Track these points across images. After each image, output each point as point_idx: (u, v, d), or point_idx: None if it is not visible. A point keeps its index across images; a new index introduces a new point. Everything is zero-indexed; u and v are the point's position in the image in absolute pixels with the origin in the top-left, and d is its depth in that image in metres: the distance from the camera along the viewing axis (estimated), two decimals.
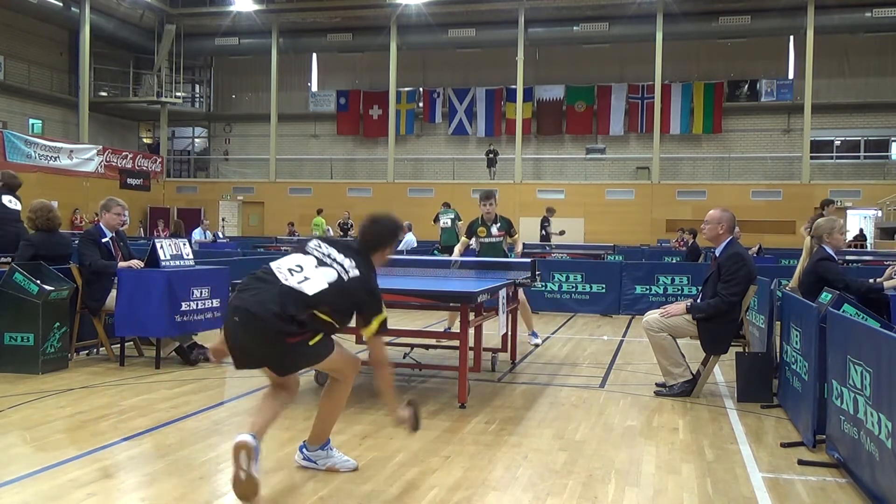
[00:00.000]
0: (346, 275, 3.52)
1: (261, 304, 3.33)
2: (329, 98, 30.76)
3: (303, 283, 3.42)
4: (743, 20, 25.48)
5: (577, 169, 28.20)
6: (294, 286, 3.40)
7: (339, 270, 3.52)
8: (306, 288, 3.41)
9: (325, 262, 3.55)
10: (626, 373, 7.05)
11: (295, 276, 3.45)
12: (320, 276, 3.48)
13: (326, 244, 3.66)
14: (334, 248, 3.64)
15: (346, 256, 3.60)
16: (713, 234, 6.01)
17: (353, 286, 3.52)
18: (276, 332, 3.31)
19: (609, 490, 3.79)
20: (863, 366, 3.59)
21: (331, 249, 3.62)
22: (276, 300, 3.34)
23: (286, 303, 3.34)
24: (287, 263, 3.53)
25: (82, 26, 25.78)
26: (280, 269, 3.49)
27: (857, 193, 24.50)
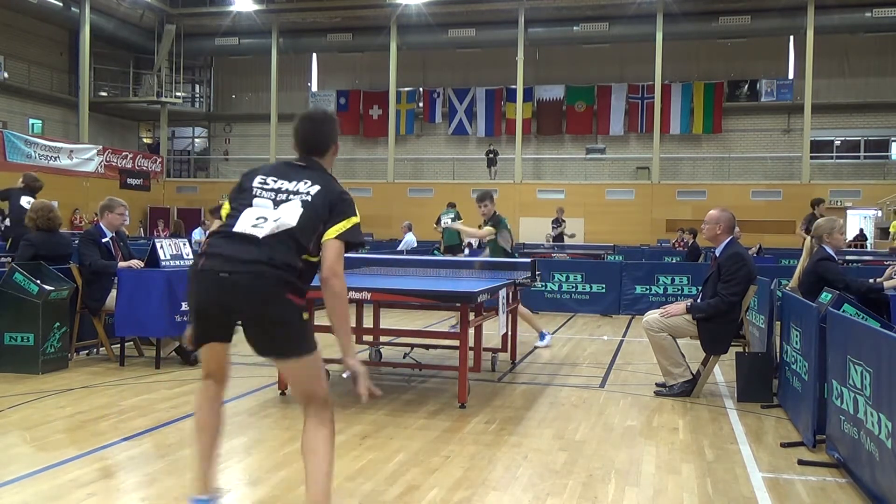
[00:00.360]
0: (308, 196, 2.96)
1: (248, 253, 2.84)
2: (329, 98, 30.75)
3: (278, 224, 2.90)
4: (743, 20, 25.47)
5: (577, 169, 28.20)
6: (272, 231, 2.88)
7: (300, 199, 2.95)
8: (285, 222, 2.90)
9: (282, 199, 2.96)
10: (626, 373, 7.05)
11: (266, 226, 2.90)
12: (286, 213, 2.91)
13: (270, 178, 3.05)
14: (280, 177, 3.04)
15: (299, 179, 3.01)
16: (711, 234, 6.02)
17: (317, 202, 2.95)
18: (275, 281, 2.81)
19: (609, 490, 3.79)
20: (863, 366, 3.59)
21: (279, 182, 3.02)
22: (265, 252, 2.84)
23: (276, 251, 2.85)
24: (247, 222, 2.93)
25: (82, 26, 25.77)
26: (244, 230, 2.91)
27: (857, 193, 24.49)
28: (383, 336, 7.50)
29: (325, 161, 3.17)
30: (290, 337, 2.89)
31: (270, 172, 3.10)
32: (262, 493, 3.65)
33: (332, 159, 3.21)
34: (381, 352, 7.25)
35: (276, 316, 2.84)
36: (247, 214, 2.96)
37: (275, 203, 2.96)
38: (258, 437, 4.70)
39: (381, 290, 5.57)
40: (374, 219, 26.25)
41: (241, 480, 3.90)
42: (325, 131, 3.18)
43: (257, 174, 3.10)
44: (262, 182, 3.05)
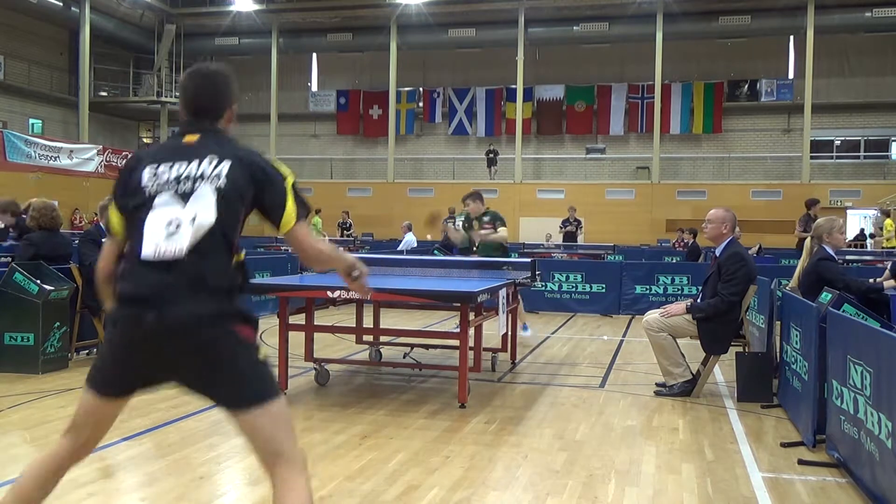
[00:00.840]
0: (219, 180, 2.33)
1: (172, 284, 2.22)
2: (329, 98, 30.76)
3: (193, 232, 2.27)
4: (743, 20, 25.48)
5: (576, 169, 28.20)
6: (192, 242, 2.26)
7: (212, 185, 2.33)
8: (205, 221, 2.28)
9: (187, 189, 2.32)
10: (626, 373, 7.05)
11: (182, 234, 2.26)
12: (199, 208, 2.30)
13: (163, 164, 2.38)
14: (176, 159, 2.38)
15: (201, 156, 2.37)
16: (716, 234, 6.00)
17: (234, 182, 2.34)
18: (216, 316, 2.23)
19: (609, 490, 3.79)
20: (863, 366, 3.59)
21: (175, 166, 2.36)
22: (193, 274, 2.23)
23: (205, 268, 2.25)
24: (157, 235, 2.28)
25: (82, 26, 25.78)
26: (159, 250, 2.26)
27: (857, 193, 24.50)
28: (383, 336, 7.50)
29: (221, 124, 2.54)
30: (247, 380, 2.28)
31: (161, 157, 2.41)
32: (261, 493, 3.64)
33: (230, 123, 2.59)
34: (381, 352, 7.25)
35: (225, 360, 2.25)
36: (152, 224, 2.30)
37: (181, 197, 2.31)
38: None
39: (381, 290, 5.57)
40: (374, 219, 26.26)
41: (241, 480, 3.90)
42: (221, 88, 2.55)
43: (144, 163, 2.41)
44: (153, 173, 2.37)
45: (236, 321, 2.26)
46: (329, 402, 5.59)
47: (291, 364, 5.89)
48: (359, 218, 24.96)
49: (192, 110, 2.50)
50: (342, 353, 7.48)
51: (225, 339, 2.23)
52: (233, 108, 2.57)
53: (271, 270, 10.65)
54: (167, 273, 2.22)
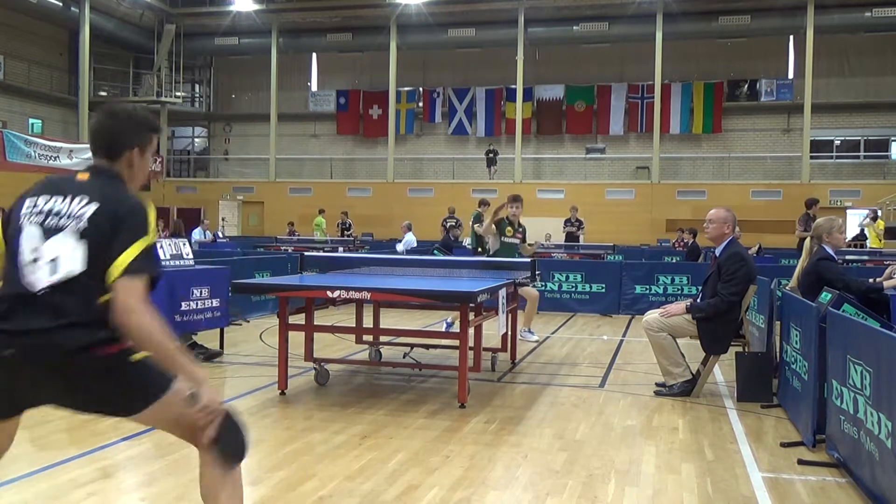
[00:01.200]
0: (83, 220, 2.29)
1: (25, 319, 2.22)
2: (329, 98, 30.75)
3: (57, 270, 2.25)
4: (743, 20, 25.48)
5: (576, 169, 28.20)
6: (53, 281, 2.24)
7: (72, 225, 2.29)
8: (66, 270, 2.24)
9: (52, 225, 2.30)
10: (626, 372, 7.05)
11: (41, 271, 2.25)
12: (61, 248, 2.27)
13: (42, 196, 2.39)
14: (53, 193, 2.38)
15: (75, 193, 2.35)
16: (718, 234, 5.99)
17: (98, 226, 2.28)
18: (71, 346, 2.19)
19: (609, 490, 3.79)
20: (863, 365, 3.59)
21: (51, 201, 2.35)
22: (47, 311, 2.21)
23: (61, 307, 2.22)
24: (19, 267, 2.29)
25: (82, 26, 25.77)
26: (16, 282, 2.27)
27: (856, 193, 24.49)
28: (383, 336, 7.50)
29: (119, 166, 2.46)
30: (124, 391, 2.28)
31: (42, 190, 2.41)
32: (261, 493, 3.65)
33: (135, 168, 2.50)
34: (380, 352, 7.25)
35: (96, 383, 2.24)
36: (20, 254, 2.30)
37: (44, 231, 2.29)
38: (258, 436, 4.70)
39: (381, 289, 5.57)
40: (374, 219, 26.26)
41: None
42: (122, 127, 2.50)
43: (28, 196, 2.41)
44: (31, 204, 2.37)
45: (96, 346, 2.21)
46: (329, 401, 5.59)
47: (291, 364, 5.89)
48: (358, 218, 24.96)
49: (92, 149, 2.51)
50: (342, 353, 7.48)
51: (84, 365, 2.22)
52: (134, 150, 2.48)
53: (271, 270, 10.65)
54: (27, 305, 2.24)
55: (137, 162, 2.50)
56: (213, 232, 20.94)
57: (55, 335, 2.19)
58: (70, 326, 2.20)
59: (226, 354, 7.27)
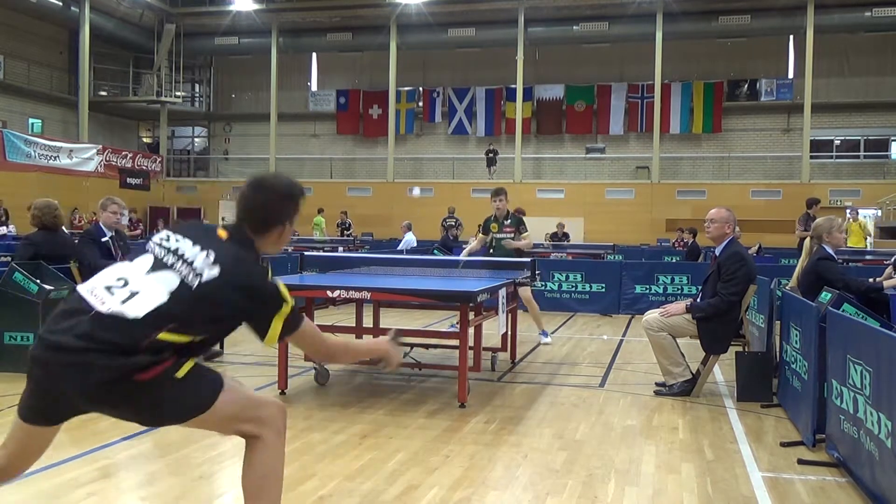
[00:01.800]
0: (198, 277, 2.33)
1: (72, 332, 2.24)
2: (329, 97, 30.74)
3: (127, 301, 2.28)
4: (743, 20, 25.48)
5: (576, 168, 28.19)
6: (114, 310, 2.26)
7: (183, 273, 2.34)
8: (131, 309, 2.27)
9: (166, 262, 2.38)
10: (626, 372, 7.05)
11: (116, 294, 2.31)
12: (154, 285, 2.32)
13: (180, 234, 2.46)
14: (189, 237, 2.43)
15: (203, 248, 2.38)
16: (720, 234, 5.98)
17: (211, 291, 2.32)
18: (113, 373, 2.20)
19: (609, 489, 3.79)
20: (862, 365, 3.59)
21: (182, 242, 2.41)
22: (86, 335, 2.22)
23: (104, 334, 2.23)
24: (106, 279, 2.37)
25: (82, 26, 25.76)
26: (94, 290, 2.33)
27: (856, 193, 24.48)
28: (383, 336, 7.49)
29: (262, 241, 2.55)
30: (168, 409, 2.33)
31: (182, 230, 2.49)
32: None
33: (275, 242, 2.60)
34: None
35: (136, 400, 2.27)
36: (119, 266, 2.41)
37: (155, 265, 2.37)
38: None
39: (381, 289, 5.58)
40: (373, 218, 26.26)
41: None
42: (274, 203, 2.55)
43: (172, 229, 2.52)
44: (164, 237, 2.46)
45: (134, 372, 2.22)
46: (329, 401, 5.59)
47: (291, 364, 5.89)
48: (358, 218, 24.96)
49: (238, 215, 2.55)
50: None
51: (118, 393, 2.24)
52: (282, 227, 2.58)
53: (271, 270, 10.62)
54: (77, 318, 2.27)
55: (280, 236, 2.62)
56: None
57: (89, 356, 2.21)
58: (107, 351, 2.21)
59: (226, 354, 7.27)
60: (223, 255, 2.37)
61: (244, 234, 2.51)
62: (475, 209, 24.08)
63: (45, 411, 2.39)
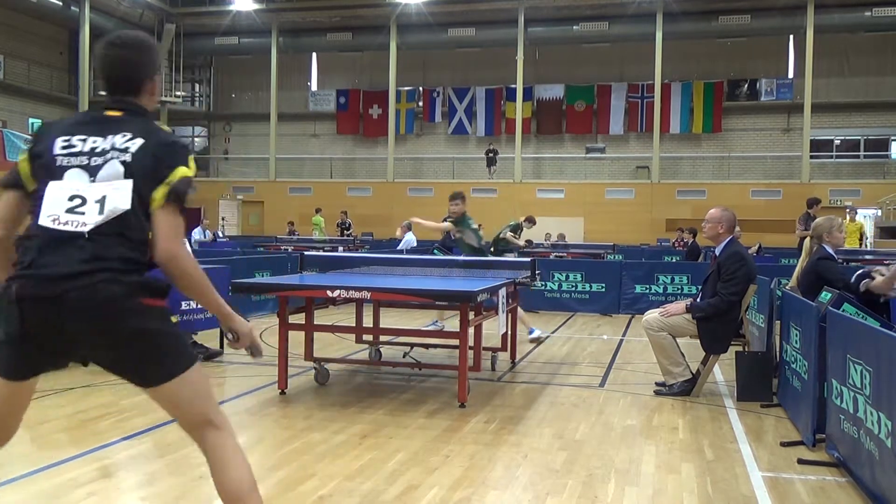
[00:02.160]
0: (128, 154, 2.20)
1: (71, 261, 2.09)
2: (329, 97, 30.76)
3: (104, 210, 2.15)
4: (743, 19, 25.49)
5: (576, 168, 28.21)
6: (100, 221, 2.13)
7: (119, 160, 2.19)
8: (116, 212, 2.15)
9: (95, 164, 2.20)
10: (626, 372, 7.05)
11: (87, 210, 2.15)
12: (108, 186, 2.17)
13: (77, 137, 2.26)
14: (91, 132, 2.26)
15: (115, 132, 2.25)
16: (713, 234, 6.01)
17: (146, 159, 2.20)
18: (120, 290, 2.09)
19: (609, 489, 3.79)
20: (862, 365, 3.59)
21: (90, 140, 2.24)
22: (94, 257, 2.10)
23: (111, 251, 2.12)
24: (57, 205, 2.16)
25: (82, 25, 25.79)
26: (57, 218, 2.14)
27: (856, 193, 24.50)
28: (383, 335, 7.50)
29: (141, 101, 2.36)
30: (160, 353, 2.20)
31: (75, 129, 2.27)
32: (261, 493, 3.63)
33: (150, 100, 2.39)
34: (380, 351, 7.25)
35: (134, 333, 2.13)
36: (53, 194, 2.17)
37: (89, 172, 2.19)
38: (257, 436, 4.70)
39: (381, 289, 5.57)
40: (373, 218, 26.26)
41: None
42: (139, 59, 2.35)
43: (54, 134, 2.27)
44: (66, 143, 2.24)
45: (141, 293, 2.14)
46: (329, 401, 5.59)
47: (291, 364, 5.89)
48: (358, 217, 24.96)
49: (109, 84, 2.35)
50: (342, 353, 7.48)
51: (127, 314, 2.11)
52: (151, 82, 2.38)
53: (271, 270, 10.65)
54: (66, 249, 2.11)
55: (155, 92, 2.41)
56: (213, 231, 20.94)
57: (105, 276, 2.08)
58: (122, 270, 2.11)
59: (226, 354, 7.27)
60: (137, 127, 2.26)
61: (130, 103, 2.34)
62: (475, 209, 24.09)
63: (32, 359, 2.20)
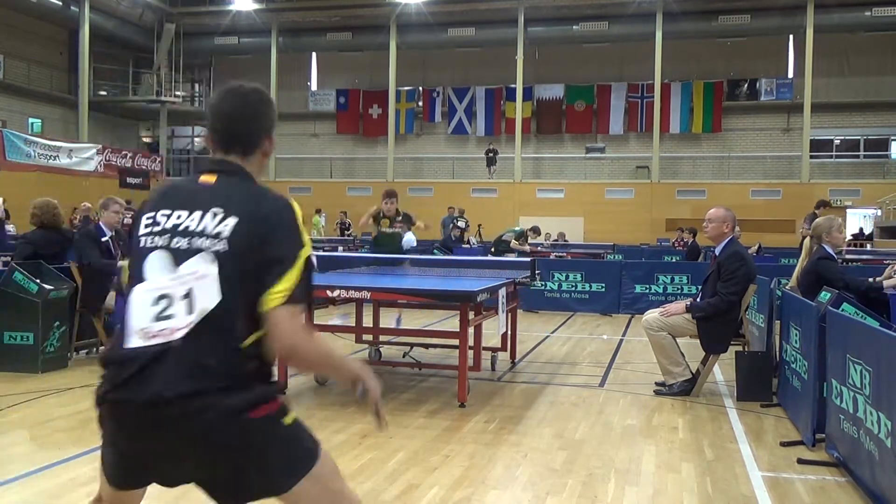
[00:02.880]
0: (222, 240, 1.83)
1: (166, 380, 1.75)
2: (329, 97, 30.75)
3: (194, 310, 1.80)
4: (742, 19, 25.48)
5: (576, 168, 28.20)
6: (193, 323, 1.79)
7: (211, 251, 1.83)
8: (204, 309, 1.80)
9: (182, 249, 1.85)
10: (626, 372, 7.06)
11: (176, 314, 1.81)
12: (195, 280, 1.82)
13: (162, 211, 1.92)
14: (178, 206, 1.91)
15: (206, 207, 1.88)
16: (718, 233, 5.99)
17: (243, 244, 1.83)
18: (224, 412, 1.76)
19: (609, 489, 3.79)
20: (862, 365, 3.59)
21: (174, 216, 1.90)
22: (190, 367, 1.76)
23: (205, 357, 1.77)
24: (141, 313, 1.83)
25: (82, 25, 25.77)
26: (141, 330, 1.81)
27: (856, 192, 24.50)
28: (383, 335, 7.50)
29: (249, 163, 2.02)
30: (280, 462, 1.86)
31: (163, 201, 1.95)
32: None
33: (261, 162, 2.07)
34: (380, 351, 7.25)
35: (248, 453, 1.83)
36: (139, 296, 1.84)
37: (174, 258, 1.85)
38: None
39: (381, 289, 5.58)
40: None
41: None
42: (259, 114, 2.04)
43: (148, 207, 1.97)
44: (151, 221, 1.91)
45: (247, 407, 1.79)
46: (329, 401, 5.59)
47: None
48: (357, 217, 24.90)
49: (221, 140, 2.01)
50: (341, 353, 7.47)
51: (235, 432, 1.79)
52: (268, 140, 2.06)
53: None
54: (157, 360, 1.78)
55: (265, 157, 2.07)
56: None
57: (205, 399, 1.75)
58: (224, 388, 1.77)
59: None
60: (232, 199, 1.89)
61: (233, 164, 1.98)
62: (475, 209, 24.12)
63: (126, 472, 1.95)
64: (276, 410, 1.86)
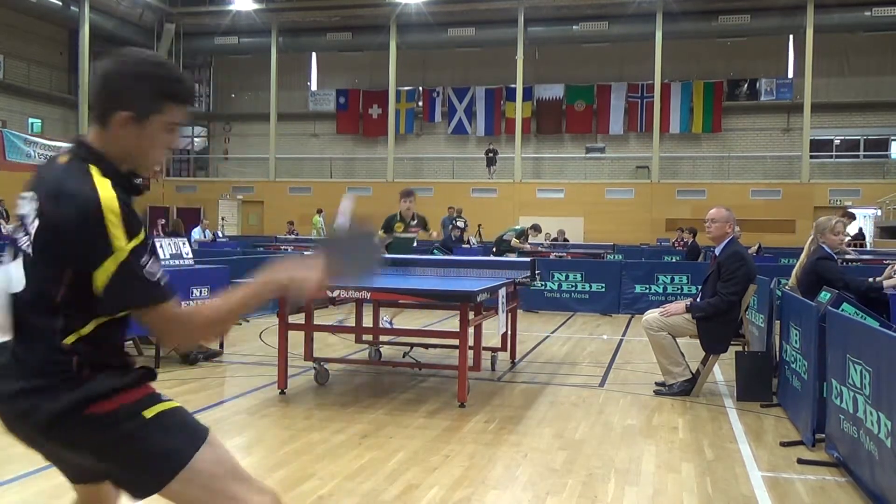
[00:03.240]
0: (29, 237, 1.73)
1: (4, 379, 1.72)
2: (329, 97, 30.75)
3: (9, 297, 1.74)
4: (742, 19, 25.49)
5: (576, 168, 28.20)
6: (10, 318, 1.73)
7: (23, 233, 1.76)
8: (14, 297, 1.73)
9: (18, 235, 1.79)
10: (626, 372, 7.06)
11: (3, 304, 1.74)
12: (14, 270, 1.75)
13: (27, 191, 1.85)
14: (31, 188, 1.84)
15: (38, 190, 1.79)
16: (720, 233, 5.98)
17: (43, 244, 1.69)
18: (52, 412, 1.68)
19: (609, 489, 3.79)
20: (862, 365, 3.59)
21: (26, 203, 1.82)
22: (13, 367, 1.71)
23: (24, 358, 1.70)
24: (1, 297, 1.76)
25: (82, 25, 25.78)
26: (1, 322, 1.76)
27: (856, 193, 24.50)
28: (383, 335, 7.50)
29: (108, 142, 1.80)
30: (139, 459, 1.72)
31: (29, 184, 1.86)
32: None
33: (128, 144, 1.79)
34: (380, 351, 7.25)
35: (102, 450, 1.72)
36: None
37: (15, 248, 1.77)
38: (257, 436, 4.70)
39: (381, 289, 5.57)
40: (373, 218, 26.23)
41: None
42: (116, 83, 1.77)
43: None
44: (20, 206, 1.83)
45: (76, 405, 1.67)
46: (328, 401, 5.59)
47: (291, 364, 5.89)
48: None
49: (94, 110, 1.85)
50: (342, 353, 7.48)
51: (74, 426, 1.68)
52: (125, 115, 1.76)
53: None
54: (2, 355, 1.72)
55: (131, 135, 1.77)
56: (212, 231, 20.95)
57: (29, 399, 1.68)
58: (46, 386, 1.67)
59: (225, 354, 7.27)
60: (44, 189, 1.74)
61: (84, 144, 1.84)
62: (475, 209, 24.12)
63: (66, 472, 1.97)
64: (131, 403, 1.72)
